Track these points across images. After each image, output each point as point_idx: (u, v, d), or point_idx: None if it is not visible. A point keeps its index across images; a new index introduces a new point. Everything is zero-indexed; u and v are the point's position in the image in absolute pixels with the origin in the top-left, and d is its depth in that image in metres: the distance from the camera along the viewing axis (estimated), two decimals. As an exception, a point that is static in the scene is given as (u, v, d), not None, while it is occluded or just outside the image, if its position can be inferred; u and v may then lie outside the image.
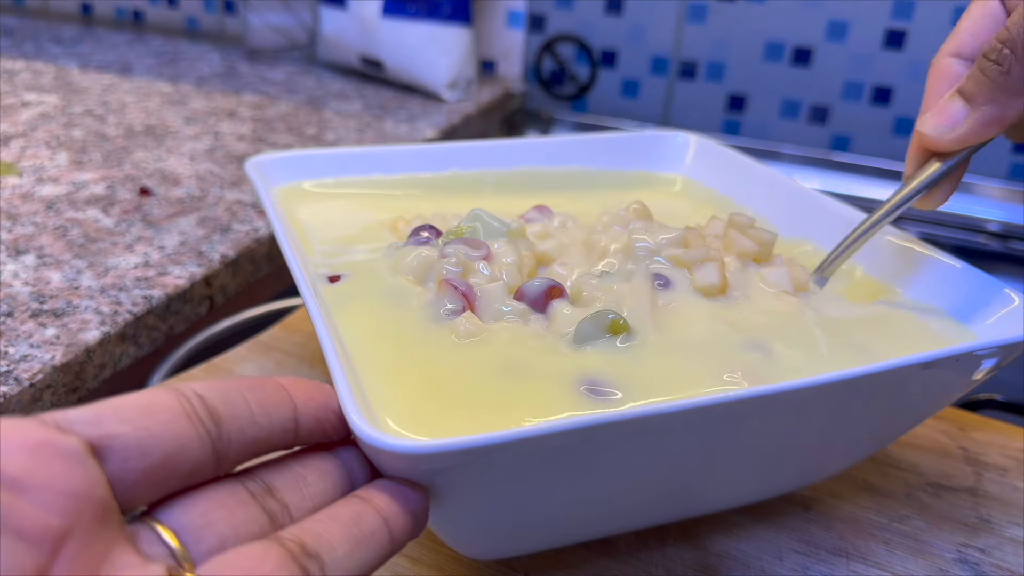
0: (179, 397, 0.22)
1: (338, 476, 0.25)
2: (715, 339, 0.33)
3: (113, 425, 0.21)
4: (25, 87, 0.96)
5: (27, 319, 0.48)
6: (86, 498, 0.20)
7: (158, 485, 0.22)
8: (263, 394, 0.24)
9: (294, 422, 0.24)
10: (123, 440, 0.21)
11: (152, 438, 0.21)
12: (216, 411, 0.23)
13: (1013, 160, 0.90)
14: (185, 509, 0.22)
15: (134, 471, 0.21)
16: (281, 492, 0.24)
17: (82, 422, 0.21)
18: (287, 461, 0.25)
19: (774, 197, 0.48)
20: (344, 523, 0.23)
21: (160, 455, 0.21)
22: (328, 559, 0.22)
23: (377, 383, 0.30)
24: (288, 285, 0.64)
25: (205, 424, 0.22)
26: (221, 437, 0.22)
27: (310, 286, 0.32)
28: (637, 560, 0.36)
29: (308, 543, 0.22)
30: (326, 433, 0.25)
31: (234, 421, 0.23)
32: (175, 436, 0.22)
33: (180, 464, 0.22)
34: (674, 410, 0.25)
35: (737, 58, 0.98)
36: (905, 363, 0.29)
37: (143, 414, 0.21)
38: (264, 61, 1.16)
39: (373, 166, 0.49)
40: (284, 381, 0.25)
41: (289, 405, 0.24)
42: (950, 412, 0.47)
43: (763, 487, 0.37)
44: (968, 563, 0.37)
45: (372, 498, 0.24)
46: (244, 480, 0.24)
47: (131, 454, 0.21)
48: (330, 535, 0.22)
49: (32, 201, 0.64)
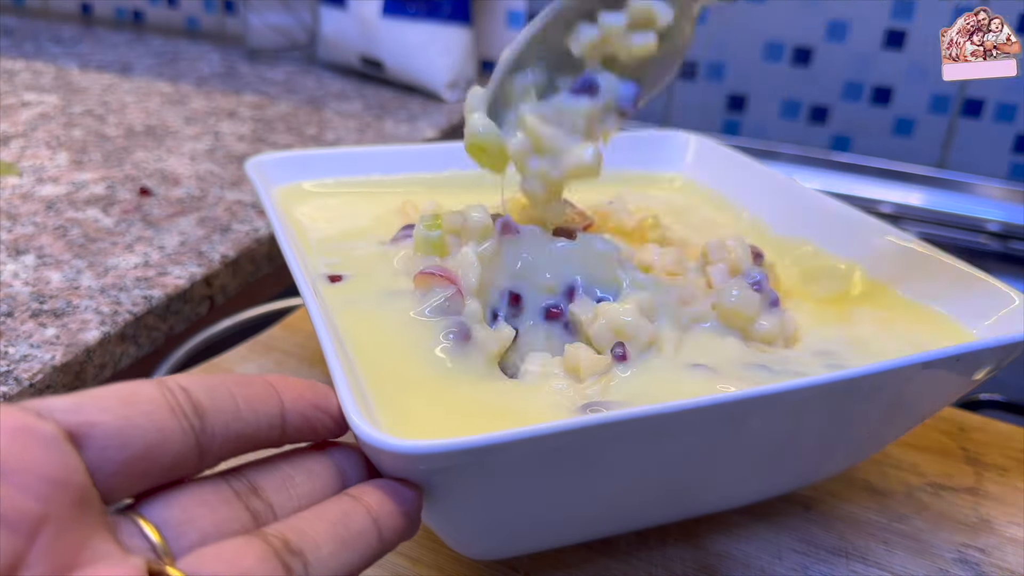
0: (163, 389, 0.22)
1: (328, 477, 0.25)
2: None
3: (93, 413, 0.21)
4: (25, 87, 0.96)
5: (27, 319, 0.48)
6: (64, 484, 0.19)
7: (138, 477, 0.21)
8: (250, 390, 0.24)
9: (281, 419, 0.24)
10: (103, 429, 0.21)
11: (133, 428, 0.21)
12: (200, 404, 0.22)
13: (1013, 160, 0.90)
14: (167, 504, 0.22)
15: (113, 461, 0.21)
16: (267, 492, 0.24)
17: (62, 409, 0.20)
18: (276, 461, 0.25)
19: (774, 197, 0.48)
20: (331, 521, 0.22)
21: (141, 446, 0.21)
22: (312, 557, 0.21)
23: (377, 383, 0.30)
24: (288, 285, 0.64)
25: (188, 417, 0.22)
26: (204, 431, 0.22)
27: (310, 286, 0.32)
28: (637, 560, 0.36)
29: (292, 540, 0.21)
30: (316, 432, 0.25)
31: (218, 415, 0.23)
32: (157, 427, 0.21)
33: (161, 456, 0.21)
34: (674, 410, 0.25)
35: (737, 58, 0.98)
36: (905, 363, 0.29)
37: (124, 404, 0.21)
38: (264, 61, 1.16)
39: (373, 166, 0.49)
40: (273, 379, 0.25)
41: (276, 402, 0.24)
42: (950, 412, 0.47)
43: (763, 487, 0.37)
44: (968, 563, 0.37)
45: (363, 496, 0.24)
46: (229, 478, 0.24)
47: (110, 443, 0.21)
48: (315, 533, 0.22)
49: (32, 201, 0.64)
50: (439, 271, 0.34)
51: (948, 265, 0.38)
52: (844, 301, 0.39)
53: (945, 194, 0.91)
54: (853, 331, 0.36)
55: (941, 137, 0.92)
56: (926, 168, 0.92)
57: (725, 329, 0.34)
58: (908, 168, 0.93)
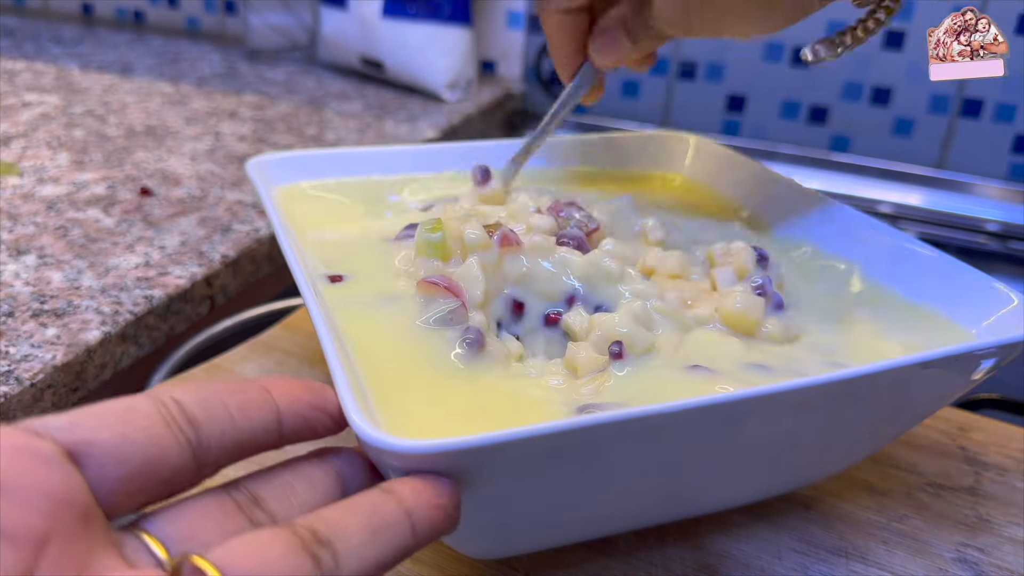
0: (157, 404, 0.22)
1: (328, 484, 0.25)
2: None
3: (89, 431, 0.21)
4: (26, 87, 0.96)
5: (28, 319, 0.48)
6: (67, 501, 0.20)
7: (137, 492, 0.22)
8: (243, 397, 0.24)
9: (277, 423, 0.24)
10: (100, 447, 0.21)
11: (130, 444, 0.21)
12: (194, 417, 0.22)
13: (1013, 160, 0.90)
14: (171, 520, 0.22)
15: (112, 478, 0.21)
16: (268, 502, 0.24)
17: (58, 428, 0.21)
18: (276, 470, 0.25)
19: (774, 197, 0.48)
20: (361, 512, 0.22)
21: (138, 462, 0.21)
22: (341, 547, 0.21)
23: (377, 384, 0.30)
24: (288, 285, 0.64)
25: (184, 430, 0.22)
26: (200, 443, 0.22)
27: (310, 286, 0.32)
28: (637, 559, 0.36)
29: (321, 530, 0.21)
30: (315, 431, 0.25)
31: (213, 426, 0.23)
32: (154, 442, 0.21)
33: (159, 470, 0.22)
34: (674, 410, 0.25)
35: (736, 58, 0.98)
36: (905, 363, 0.29)
37: (120, 420, 0.21)
38: (264, 61, 1.16)
39: (373, 166, 0.49)
40: (267, 383, 0.25)
41: (271, 407, 0.24)
42: (950, 412, 0.47)
43: (763, 487, 0.37)
44: (967, 563, 0.37)
45: (396, 490, 0.23)
46: (231, 490, 0.24)
47: (108, 460, 0.21)
48: (345, 523, 0.21)
49: (33, 201, 0.64)
50: (443, 282, 0.34)
51: (947, 265, 0.38)
52: (843, 301, 0.39)
53: (944, 194, 0.91)
54: (852, 331, 0.36)
55: (940, 137, 0.92)
56: (925, 168, 0.93)
57: (727, 330, 0.34)
58: (907, 168, 0.93)
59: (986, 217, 0.87)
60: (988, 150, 0.91)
